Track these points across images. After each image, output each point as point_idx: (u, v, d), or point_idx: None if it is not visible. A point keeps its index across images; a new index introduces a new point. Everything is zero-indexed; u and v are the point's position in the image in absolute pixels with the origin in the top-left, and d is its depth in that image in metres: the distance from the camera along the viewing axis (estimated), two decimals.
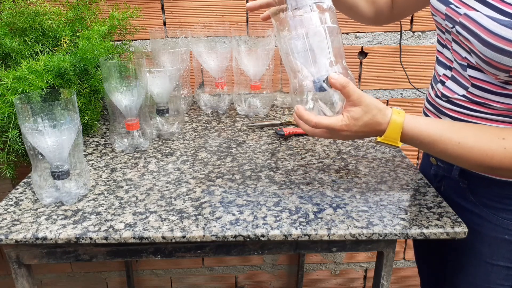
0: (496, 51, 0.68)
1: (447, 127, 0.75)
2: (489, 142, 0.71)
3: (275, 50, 1.28)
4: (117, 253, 0.83)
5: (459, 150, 0.73)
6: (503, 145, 0.70)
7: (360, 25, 1.44)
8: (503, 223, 0.82)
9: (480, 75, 0.76)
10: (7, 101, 0.95)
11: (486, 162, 0.71)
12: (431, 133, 0.74)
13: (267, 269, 1.82)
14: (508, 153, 0.70)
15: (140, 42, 1.44)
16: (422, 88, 1.52)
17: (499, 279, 0.86)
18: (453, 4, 0.76)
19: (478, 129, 0.75)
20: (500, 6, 0.67)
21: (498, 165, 0.71)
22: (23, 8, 1.15)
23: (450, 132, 0.74)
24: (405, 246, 1.76)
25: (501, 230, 0.83)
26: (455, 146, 0.73)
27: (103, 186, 0.92)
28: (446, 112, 0.85)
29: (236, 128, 1.22)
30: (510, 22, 0.66)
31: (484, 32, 0.69)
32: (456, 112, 0.83)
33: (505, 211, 0.82)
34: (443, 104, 0.85)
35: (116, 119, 1.07)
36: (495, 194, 0.83)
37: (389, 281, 0.86)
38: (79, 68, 1.10)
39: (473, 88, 0.78)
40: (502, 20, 0.67)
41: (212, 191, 0.90)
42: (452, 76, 0.82)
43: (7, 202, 0.87)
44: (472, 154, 0.72)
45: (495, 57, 0.69)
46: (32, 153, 0.84)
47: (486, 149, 0.71)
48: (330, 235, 0.76)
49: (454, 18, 0.76)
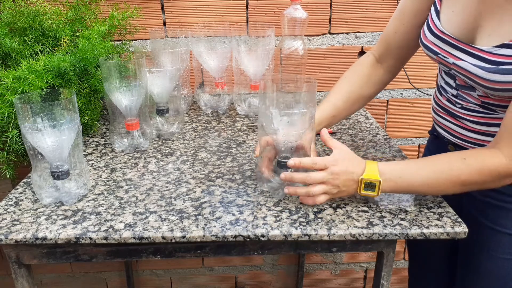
0: (494, 90, 0.78)
1: (414, 168, 0.81)
2: (452, 164, 0.78)
3: (275, 50, 1.28)
4: (117, 253, 0.83)
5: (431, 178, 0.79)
6: (466, 162, 0.77)
7: (360, 25, 1.44)
8: None
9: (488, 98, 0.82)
10: (7, 101, 0.95)
11: (458, 181, 0.77)
12: (404, 168, 0.81)
13: (267, 269, 1.82)
14: (472, 168, 0.76)
15: (140, 42, 1.44)
16: (422, 88, 1.52)
17: (508, 247, 0.88)
18: (441, 54, 0.85)
19: (438, 159, 0.81)
20: (483, 55, 0.77)
21: (469, 180, 0.77)
22: (23, 8, 1.15)
23: (417, 171, 0.80)
24: (405, 246, 1.76)
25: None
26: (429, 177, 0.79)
27: (103, 186, 0.92)
28: (463, 116, 0.89)
29: (236, 128, 1.22)
30: (496, 69, 0.75)
31: (477, 78, 0.78)
32: (471, 116, 0.87)
33: None
34: (458, 109, 0.89)
35: (116, 119, 1.06)
36: None
37: (389, 281, 0.86)
38: (79, 68, 1.10)
39: (484, 104, 0.84)
40: (488, 67, 0.76)
41: (212, 191, 0.90)
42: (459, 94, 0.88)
43: (7, 202, 0.87)
44: (441, 179, 0.78)
45: (496, 92, 0.78)
46: (32, 153, 0.84)
47: (452, 170, 0.78)
48: (330, 235, 0.76)
49: (446, 65, 0.86)
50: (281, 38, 1.33)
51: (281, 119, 0.80)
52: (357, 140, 1.14)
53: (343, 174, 0.79)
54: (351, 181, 0.80)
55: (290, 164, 0.80)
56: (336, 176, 0.79)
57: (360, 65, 1.05)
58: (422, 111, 1.55)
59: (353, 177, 0.79)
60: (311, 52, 1.47)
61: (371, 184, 0.79)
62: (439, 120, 0.95)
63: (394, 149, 1.09)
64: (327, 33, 1.45)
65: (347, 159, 0.81)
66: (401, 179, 0.79)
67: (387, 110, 1.55)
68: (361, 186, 0.79)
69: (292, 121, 0.81)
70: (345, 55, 1.48)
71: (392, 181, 0.79)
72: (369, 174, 0.79)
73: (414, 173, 0.79)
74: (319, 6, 1.41)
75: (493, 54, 0.75)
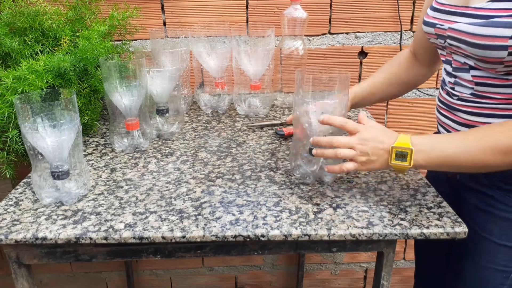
0: (484, 49, 0.76)
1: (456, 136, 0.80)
2: (489, 131, 0.77)
3: (275, 50, 1.28)
4: (117, 253, 0.83)
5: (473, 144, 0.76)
6: (504, 127, 0.75)
7: (360, 25, 1.44)
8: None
9: (481, 73, 0.81)
10: (7, 101, 0.95)
11: (498, 148, 0.74)
12: (440, 138, 0.79)
13: (267, 269, 1.82)
14: None
15: (140, 42, 1.44)
16: (422, 88, 1.52)
17: (504, 260, 0.87)
18: (438, 24, 0.87)
19: (474, 129, 0.80)
20: (475, 12, 0.78)
21: (510, 146, 0.74)
22: (23, 8, 1.15)
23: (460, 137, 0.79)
24: (405, 246, 1.76)
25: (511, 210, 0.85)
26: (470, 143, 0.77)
27: (103, 186, 0.92)
28: (458, 108, 0.88)
29: (236, 128, 1.22)
30: (486, 22, 0.75)
31: (469, 36, 0.78)
32: (466, 107, 0.86)
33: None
34: (455, 101, 0.89)
35: (116, 119, 1.06)
36: (508, 176, 0.84)
37: (389, 281, 0.86)
38: (79, 68, 1.10)
39: (478, 87, 0.83)
40: (479, 22, 0.76)
41: (212, 191, 0.90)
42: (456, 81, 0.88)
43: (7, 202, 0.87)
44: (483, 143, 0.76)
45: (486, 54, 0.76)
46: (32, 153, 0.84)
47: (489, 136, 0.76)
48: (330, 235, 0.76)
49: (442, 34, 0.86)
50: (281, 38, 1.33)
51: (315, 110, 0.85)
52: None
53: (373, 141, 0.78)
54: (381, 150, 0.78)
55: (320, 120, 0.82)
56: (365, 142, 0.78)
57: (399, 56, 1.13)
58: (422, 111, 1.55)
59: (384, 147, 0.78)
60: (311, 52, 1.47)
61: (402, 153, 0.77)
62: (440, 117, 0.95)
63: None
64: (327, 33, 1.45)
65: (380, 129, 0.81)
66: (434, 149, 0.77)
67: (387, 110, 1.55)
68: (392, 155, 0.78)
69: (326, 112, 0.85)
70: (345, 55, 1.48)
71: (424, 152, 0.77)
72: (401, 143, 0.77)
73: (447, 142, 0.77)
74: (319, 6, 1.41)
75: (485, 9, 0.76)
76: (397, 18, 1.43)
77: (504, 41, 0.73)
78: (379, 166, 0.80)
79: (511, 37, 0.72)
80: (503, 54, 0.74)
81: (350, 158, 0.80)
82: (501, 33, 0.73)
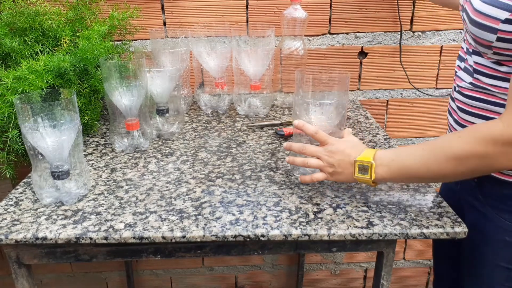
0: (478, 27, 0.75)
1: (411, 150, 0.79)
2: (445, 140, 0.75)
3: (275, 50, 1.28)
4: (117, 253, 0.83)
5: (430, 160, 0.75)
6: (459, 135, 0.73)
7: (360, 25, 1.44)
8: (504, 224, 0.83)
9: (479, 59, 0.81)
10: (7, 101, 0.95)
11: (452, 155, 0.72)
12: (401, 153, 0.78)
13: (267, 269, 1.82)
14: (465, 138, 0.71)
15: (140, 42, 1.44)
16: (422, 88, 1.52)
17: (501, 280, 0.87)
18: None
19: (434, 140, 0.77)
20: None
21: (463, 153, 0.70)
22: (23, 8, 1.15)
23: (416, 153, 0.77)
24: (405, 246, 1.76)
25: (502, 231, 0.83)
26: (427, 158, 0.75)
27: (103, 186, 0.92)
28: (457, 104, 0.88)
29: (236, 128, 1.22)
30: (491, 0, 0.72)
31: (472, 11, 0.76)
32: (463, 103, 0.86)
33: (507, 212, 0.82)
34: (455, 95, 0.89)
35: (116, 119, 1.07)
36: (499, 194, 0.83)
37: (389, 281, 0.86)
38: (79, 68, 1.10)
39: (476, 74, 0.82)
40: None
41: (212, 191, 0.90)
42: (465, 67, 0.87)
43: (7, 202, 0.87)
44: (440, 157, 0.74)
45: (478, 33, 0.75)
46: (32, 153, 0.84)
47: (444, 146, 0.74)
48: (330, 235, 0.76)
49: (463, 5, 0.82)
50: (281, 38, 1.33)
51: (315, 110, 0.86)
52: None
53: (339, 154, 0.80)
54: (347, 163, 0.80)
55: (295, 124, 0.85)
56: (332, 154, 0.80)
57: None
58: (422, 111, 1.55)
59: (349, 159, 0.80)
60: (311, 52, 1.47)
61: (364, 166, 0.78)
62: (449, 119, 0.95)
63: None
64: (327, 33, 1.45)
65: (351, 143, 0.82)
66: (394, 162, 0.77)
67: (387, 110, 1.55)
68: (355, 169, 0.79)
69: (325, 111, 0.86)
70: (345, 55, 1.48)
71: (385, 166, 0.77)
72: (363, 157, 0.79)
73: (407, 154, 0.77)
74: (319, 6, 1.41)
75: None
76: (397, 18, 1.43)
77: (495, 23, 0.71)
78: (344, 178, 0.82)
79: (503, 21, 0.70)
80: (492, 38, 0.73)
81: (318, 168, 0.82)
82: (496, 14, 0.70)
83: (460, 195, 0.95)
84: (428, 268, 1.81)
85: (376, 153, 0.79)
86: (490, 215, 0.85)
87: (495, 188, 0.83)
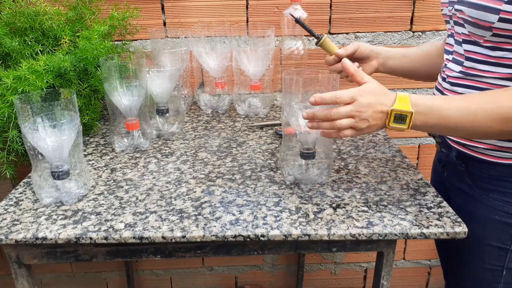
0: (478, 9, 0.75)
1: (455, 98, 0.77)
2: (490, 94, 0.75)
3: (275, 50, 1.28)
4: (117, 253, 0.83)
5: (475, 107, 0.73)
6: (508, 91, 0.73)
7: (360, 25, 1.44)
8: (493, 203, 0.85)
9: (472, 47, 0.82)
10: (7, 101, 0.95)
11: (498, 113, 0.71)
12: (439, 99, 0.76)
13: (267, 269, 1.82)
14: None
15: (140, 42, 1.44)
16: (422, 88, 1.52)
17: (492, 259, 0.88)
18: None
19: (477, 93, 0.78)
20: None
21: None
22: (23, 8, 1.15)
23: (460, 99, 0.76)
24: (405, 246, 1.76)
25: (491, 210, 0.85)
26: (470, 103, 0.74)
27: (103, 186, 0.92)
28: (445, 93, 0.89)
29: (236, 128, 1.22)
30: None
31: None
32: (453, 92, 0.86)
33: (495, 192, 0.85)
34: (444, 85, 0.89)
35: (116, 119, 1.07)
36: (487, 176, 0.85)
37: (389, 281, 0.86)
38: (79, 68, 1.10)
39: (467, 62, 0.83)
40: None
41: (212, 191, 0.90)
42: (453, 58, 0.88)
43: (7, 202, 0.87)
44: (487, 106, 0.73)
45: (479, 15, 0.75)
46: (32, 153, 0.84)
47: (490, 101, 0.73)
48: (330, 235, 0.76)
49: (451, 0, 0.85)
50: (281, 38, 1.33)
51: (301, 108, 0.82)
52: (357, 140, 1.14)
53: (373, 106, 0.74)
54: (381, 113, 0.74)
55: (311, 101, 0.76)
56: (365, 109, 0.74)
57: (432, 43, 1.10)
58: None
59: (383, 109, 0.74)
60: (311, 52, 1.47)
61: (402, 116, 0.73)
62: None
63: (394, 149, 1.09)
64: (327, 33, 1.45)
65: (375, 90, 0.76)
66: (433, 112, 0.74)
67: None
68: (390, 118, 0.74)
69: None
70: None
71: (422, 115, 0.74)
72: (400, 105, 0.74)
73: (448, 106, 0.74)
74: (319, 6, 1.42)
75: None
76: (397, 18, 1.43)
77: (498, 4, 0.71)
78: (376, 129, 0.77)
79: (506, 1, 0.70)
80: (494, 18, 0.73)
81: (349, 126, 0.75)
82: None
83: (447, 181, 0.97)
84: (428, 268, 1.81)
85: (411, 99, 0.74)
86: (478, 196, 0.87)
87: (483, 170, 0.85)
